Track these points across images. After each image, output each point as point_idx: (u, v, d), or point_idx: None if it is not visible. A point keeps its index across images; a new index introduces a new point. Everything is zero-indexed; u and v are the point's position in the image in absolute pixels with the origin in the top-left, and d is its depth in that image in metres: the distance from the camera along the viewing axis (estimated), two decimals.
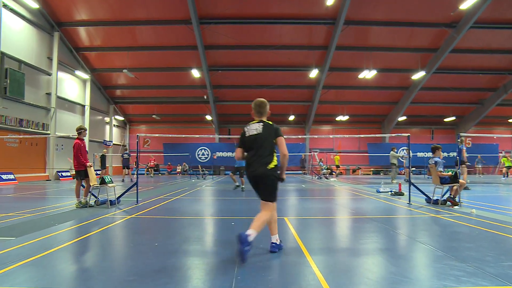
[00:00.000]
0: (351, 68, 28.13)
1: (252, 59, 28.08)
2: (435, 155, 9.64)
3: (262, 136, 4.53)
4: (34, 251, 4.58)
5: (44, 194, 13.55)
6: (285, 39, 25.73)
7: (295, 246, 4.84)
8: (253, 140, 4.57)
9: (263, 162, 4.46)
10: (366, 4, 22.52)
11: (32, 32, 22.23)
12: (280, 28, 24.87)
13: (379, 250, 4.78)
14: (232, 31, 24.95)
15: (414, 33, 25.41)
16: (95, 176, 9.57)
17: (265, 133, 4.54)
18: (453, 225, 6.51)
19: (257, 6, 23.02)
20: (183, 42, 25.66)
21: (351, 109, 34.85)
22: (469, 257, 4.23)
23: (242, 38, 25.31)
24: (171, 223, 7.13)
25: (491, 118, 35.37)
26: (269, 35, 25.46)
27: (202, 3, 22.54)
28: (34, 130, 22.18)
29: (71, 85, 27.25)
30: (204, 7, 22.84)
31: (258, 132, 4.56)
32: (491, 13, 22.79)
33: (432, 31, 25.18)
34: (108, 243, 5.42)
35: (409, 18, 23.80)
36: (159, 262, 4.15)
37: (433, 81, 29.18)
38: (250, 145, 4.60)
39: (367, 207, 9.48)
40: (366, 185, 18.23)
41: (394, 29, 24.88)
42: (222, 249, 4.85)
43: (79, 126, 9.48)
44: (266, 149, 4.49)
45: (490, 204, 9.77)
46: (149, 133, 35.66)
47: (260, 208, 4.55)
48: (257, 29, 24.97)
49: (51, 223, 6.73)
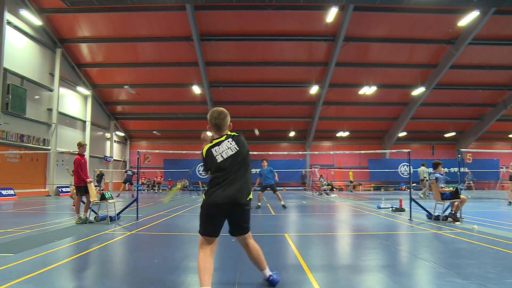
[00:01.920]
0: (351, 84, 28.26)
1: (253, 76, 28.24)
2: (436, 171, 9.62)
3: (240, 156, 3.64)
4: (33, 267, 4.55)
5: (44, 210, 13.50)
6: (285, 56, 25.94)
7: (296, 263, 4.80)
8: (230, 161, 3.58)
9: (241, 190, 3.57)
10: (365, 21, 22.77)
11: (35, 48, 22.44)
12: (281, 44, 25.09)
13: (381, 267, 4.75)
14: (233, 48, 25.17)
15: (413, 49, 25.63)
16: (95, 192, 9.55)
17: (243, 151, 3.68)
18: (455, 241, 6.47)
19: (258, 23, 23.28)
20: (184, 58, 25.88)
21: (351, 125, 34.88)
22: (472, 274, 4.20)
23: (243, 54, 25.52)
24: (171, 239, 7.10)
25: (491, 133, 35.37)
26: (269, 51, 25.67)
27: (203, 20, 22.81)
28: (35, 145, 22.21)
29: (72, 101, 27.37)
30: (205, 24, 23.11)
31: (234, 151, 3.63)
32: (489, 30, 23.02)
33: (431, 48, 25.41)
34: (107, 259, 5.39)
35: (408, 34, 24.01)
36: (159, 279, 4.12)
37: (433, 96, 29.29)
38: (225, 167, 3.57)
39: (368, 223, 9.43)
40: (367, 201, 18.16)
41: (394, 46, 25.11)
42: (222, 266, 4.83)
43: (79, 142, 9.50)
44: (243, 174, 3.63)
45: (492, 219, 9.72)
46: (149, 149, 35.79)
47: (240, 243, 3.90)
48: (258, 45, 25.19)
49: (50, 239, 6.69)
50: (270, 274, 3.92)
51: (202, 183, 31.14)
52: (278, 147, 37.28)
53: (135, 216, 9.78)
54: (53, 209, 14.11)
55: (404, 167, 35.62)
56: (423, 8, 21.29)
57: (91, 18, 22.96)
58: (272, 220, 10.25)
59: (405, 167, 35.58)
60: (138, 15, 22.63)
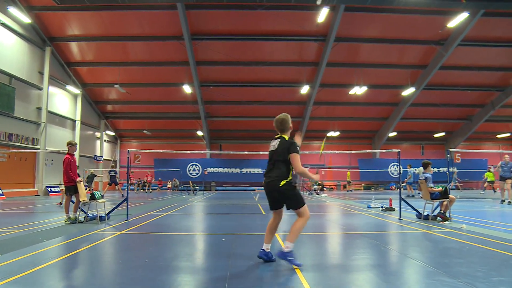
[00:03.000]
0: (342, 85, 28.38)
1: (244, 75, 28.24)
2: (425, 170, 9.70)
3: (276, 153, 4.74)
4: (21, 268, 4.50)
5: (32, 210, 13.37)
6: (276, 56, 25.98)
7: (286, 263, 4.81)
8: (271, 155, 4.86)
9: (276, 178, 4.63)
10: (356, 22, 22.87)
11: (24, 46, 22.21)
12: (272, 44, 25.12)
13: (370, 266, 4.78)
14: (223, 47, 25.14)
15: (403, 50, 25.82)
16: (85, 192, 9.47)
17: (279, 149, 4.73)
18: (444, 241, 6.53)
19: (249, 23, 23.28)
20: (175, 57, 25.80)
21: (342, 125, 35.01)
22: (460, 273, 4.24)
23: (234, 54, 25.49)
24: (161, 239, 7.07)
25: (480, 133, 35.77)
26: (260, 51, 25.70)
27: (194, 20, 22.75)
28: (23, 144, 21.98)
29: (62, 100, 27.14)
30: (196, 23, 23.05)
31: (274, 148, 4.82)
32: (478, 32, 23.26)
33: (421, 48, 25.62)
34: (97, 259, 5.35)
35: (398, 35, 24.19)
36: (149, 279, 4.10)
37: (423, 97, 29.53)
38: (269, 158, 4.87)
39: (358, 223, 9.48)
40: (357, 201, 18.24)
41: (384, 46, 25.27)
42: (213, 266, 4.82)
43: (68, 141, 9.42)
44: (280, 166, 4.67)
45: (480, 219, 9.82)
46: (140, 148, 35.55)
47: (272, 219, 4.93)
48: (249, 45, 25.20)
49: (39, 239, 6.62)
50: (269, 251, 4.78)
51: (192, 183, 31.05)
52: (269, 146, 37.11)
53: (125, 216, 9.73)
54: (42, 209, 13.98)
55: (394, 167, 35.86)
56: (413, 9, 21.44)
57: (81, 16, 22.78)
58: (262, 219, 10.26)
59: (395, 167, 35.81)
60: (129, 13, 22.53)
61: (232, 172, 35.86)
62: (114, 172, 22.62)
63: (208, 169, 35.43)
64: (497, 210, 13.13)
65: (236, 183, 35.43)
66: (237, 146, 36.49)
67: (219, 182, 35.54)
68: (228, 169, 35.81)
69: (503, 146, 38.61)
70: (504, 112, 32.25)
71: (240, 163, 35.76)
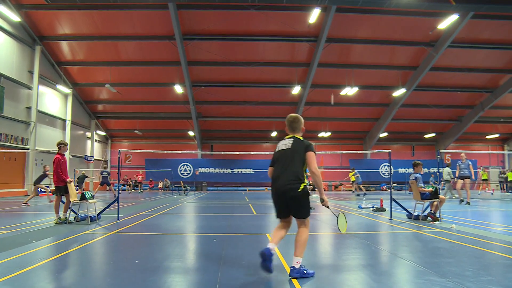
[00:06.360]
0: (333, 85, 28.43)
1: (235, 76, 28.19)
2: (416, 171, 9.77)
3: (291, 150, 4.38)
4: (11, 269, 4.47)
5: (22, 210, 13.23)
6: (268, 56, 25.98)
7: (277, 263, 4.82)
8: (282, 154, 4.43)
9: (293, 181, 4.25)
10: (347, 23, 22.95)
11: (13, 45, 21.97)
12: (263, 45, 25.13)
13: (361, 266, 4.81)
14: (215, 48, 25.09)
15: (394, 51, 25.97)
16: (75, 192, 9.40)
17: (294, 147, 4.38)
18: (434, 241, 6.59)
19: (240, 23, 23.24)
20: (166, 57, 25.70)
21: (333, 126, 35.15)
22: (450, 272, 4.28)
23: (225, 54, 25.45)
24: (152, 239, 7.04)
25: (469, 134, 36.14)
26: (252, 51, 25.69)
27: (186, 19, 22.67)
28: (13, 144, 21.74)
29: (52, 99, 26.89)
30: (188, 23, 22.97)
31: (287, 147, 4.42)
32: (468, 33, 23.46)
33: (412, 50, 25.79)
34: (87, 260, 5.32)
35: (389, 36, 24.33)
36: (140, 280, 4.09)
37: (413, 98, 29.72)
38: (278, 159, 4.45)
39: (349, 223, 9.51)
40: (348, 201, 18.33)
41: (375, 47, 25.37)
42: (204, 266, 4.81)
43: (60, 141, 9.34)
44: (295, 164, 4.31)
45: (469, 219, 9.92)
46: (131, 148, 35.43)
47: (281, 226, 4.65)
48: (240, 45, 25.18)
49: (29, 240, 6.57)
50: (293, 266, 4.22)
51: (183, 183, 30.98)
52: (260, 147, 37.31)
53: (116, 216, 9.67)
54: (32, 209, 13.84)
55: (385, 167, 36.07)
56: (404, 11, 21.56)
57: (72, 15, 22.58)
58: (254, 220, 10.27)
59: (386, 168, 36.03)
60: (120, 13, 22.38)
61: (223, 173, 35.78)
62: (106, 173, 22.50)
63: (200, 169, 35.32)
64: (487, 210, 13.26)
65: (227, 184, 35.37)
66: (228, 146, 36.48)
67: (211, 182, 35.44)
68: (220, 170, 35.71)
69: (492, 147, 39.07)
70: (493, 113, 32.61)
71: (231, 163, 35.71)
